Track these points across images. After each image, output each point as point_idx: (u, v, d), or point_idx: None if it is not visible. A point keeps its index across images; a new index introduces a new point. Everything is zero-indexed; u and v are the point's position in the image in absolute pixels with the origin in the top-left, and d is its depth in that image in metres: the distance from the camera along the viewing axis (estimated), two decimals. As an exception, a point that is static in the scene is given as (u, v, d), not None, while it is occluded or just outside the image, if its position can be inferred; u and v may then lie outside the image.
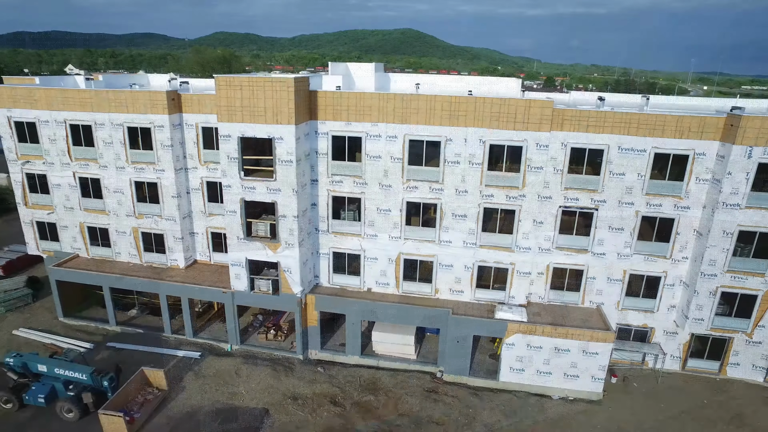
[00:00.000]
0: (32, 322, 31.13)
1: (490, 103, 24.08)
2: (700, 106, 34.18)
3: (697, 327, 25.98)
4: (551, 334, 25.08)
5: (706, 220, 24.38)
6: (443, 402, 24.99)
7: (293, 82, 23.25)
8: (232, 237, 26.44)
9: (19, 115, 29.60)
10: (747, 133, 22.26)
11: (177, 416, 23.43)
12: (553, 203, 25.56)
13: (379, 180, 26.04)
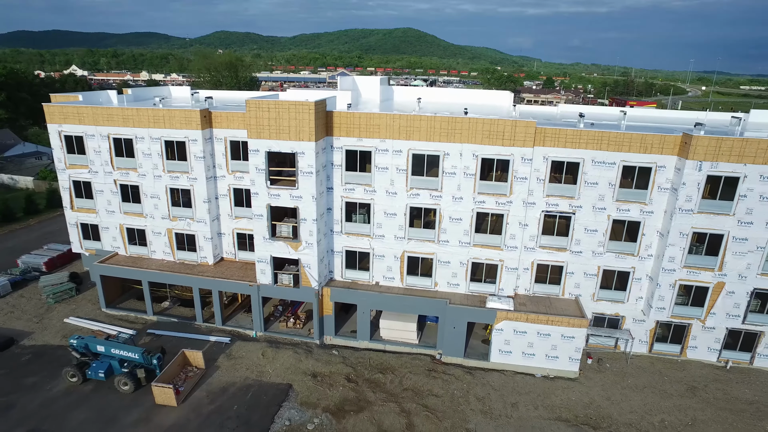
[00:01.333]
0: (79, 312, 35.15)
1: (482, 123, 28.12)
2: (671, 119, 38.45)
3: (660, 315, 30.11)
4: (534, 320, 29.18)
5: (666, 223, 28.47)
6: (441, 379, 29.09)
7: (314, 105, 27.30)
8: (259, 237, 30.50)
9: (68, 130, 33.66)
10: (697, 149, 26.35)
11: (214, 390, 27.50)
12: (536, 208, 29.65)
13: (386, 188, 30.11)
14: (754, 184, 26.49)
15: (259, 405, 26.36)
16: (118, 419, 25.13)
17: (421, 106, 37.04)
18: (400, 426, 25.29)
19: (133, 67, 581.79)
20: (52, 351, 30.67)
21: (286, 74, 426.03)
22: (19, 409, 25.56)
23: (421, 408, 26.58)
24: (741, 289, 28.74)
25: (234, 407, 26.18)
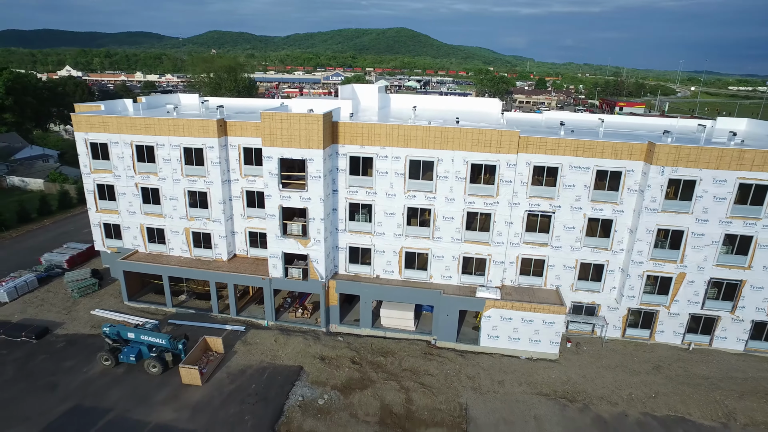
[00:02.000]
0: (103, 305, 38.24)
1: (471, 132, 31.59)
2: (645, 125, 42.20)
3: (630, 303, 33.75)
4: (519, 308, 32.70)
5: (635, 220, 32.10)
6: (436, 361, 32.55)
7: (322, 117, 30.63)
8: (271, 235, 33.79)
9: (93, 138, 36.73)
10: (660, 156, 29.98)
11: (234, 372, 30.78)
12: (520, 208, 33.17)
13: (386, 190, 33.51)
14: (709, 187, 30.16)
15: (274, 384, 29.68)
16: (150, 397, 28.36)
17: (416, 113, 40.35)
18: (400, 400, 28.71)
19: (126, 67, 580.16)
20: (83, 339, 33.80)
21: (280, 74, 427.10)
22: (63, 387, 28.73)
23: (418, 385, 30.03)
24: (700, 278, 32.44)
25: (252, 386, 29.49)
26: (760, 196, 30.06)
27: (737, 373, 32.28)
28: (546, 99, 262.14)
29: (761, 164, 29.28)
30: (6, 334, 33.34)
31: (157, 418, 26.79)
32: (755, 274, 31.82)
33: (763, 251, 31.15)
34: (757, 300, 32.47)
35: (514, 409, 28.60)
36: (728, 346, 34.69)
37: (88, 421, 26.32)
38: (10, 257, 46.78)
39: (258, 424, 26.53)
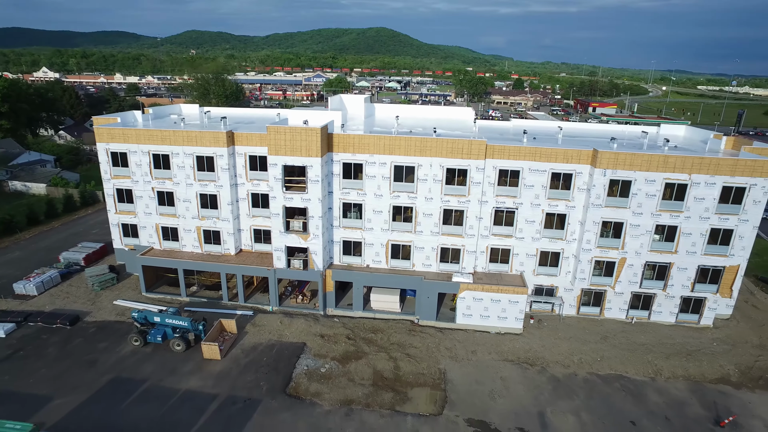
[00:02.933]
0: (123, 296, 42.93)
1: (446, 142, 37.35)
2: (597, 132, 48.53)
3: (582, 284, 39.97)
4: (488, 290, 38.60)
5: (583, 214, 38.28)
6: (419, 336, 38.26)
7: (320, 130, 36.01)
8: (276, 231, 39.04)
9: (114, 148, 41.45)
10: (602, 160, 36.19)
11: (247, 348, 35.97)
12: (488, 205, 39.08)
13: (374, 191, 39.06)
14: (642, 186, 36.50)
15: (282, 357, 35.01)
16: (177, 369, 33.42)
17: (399, 122, 46.04)
18: (389, 368, 34.33)
19: (104, 68, 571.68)
20: (111, 325, 38.56)
21: (262, 75, 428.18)
22: (101, 363, 33.60)
23: (404, 356, 35.69)
24: (637, 262, 38.82)
25: (264, 359, 34.77)
26: (681, 193, 36.52)
27: (668, 340, 38.78)
28: (523, 100, 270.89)
29: (681, 167, 35.74)
30: (43, 322, 37.91)
31: (186, 385, 31.92)
32: (680, 258, 38.33)
33: (685, 238, 37.66)
34: (682, 279, 39.00)
35: (484, 372, 34.49)
36: (663, 318, 41.20)
37: (129, 388, 31.32)
38: (29, 257, 50.96)
39: (272, 389, 31.85)
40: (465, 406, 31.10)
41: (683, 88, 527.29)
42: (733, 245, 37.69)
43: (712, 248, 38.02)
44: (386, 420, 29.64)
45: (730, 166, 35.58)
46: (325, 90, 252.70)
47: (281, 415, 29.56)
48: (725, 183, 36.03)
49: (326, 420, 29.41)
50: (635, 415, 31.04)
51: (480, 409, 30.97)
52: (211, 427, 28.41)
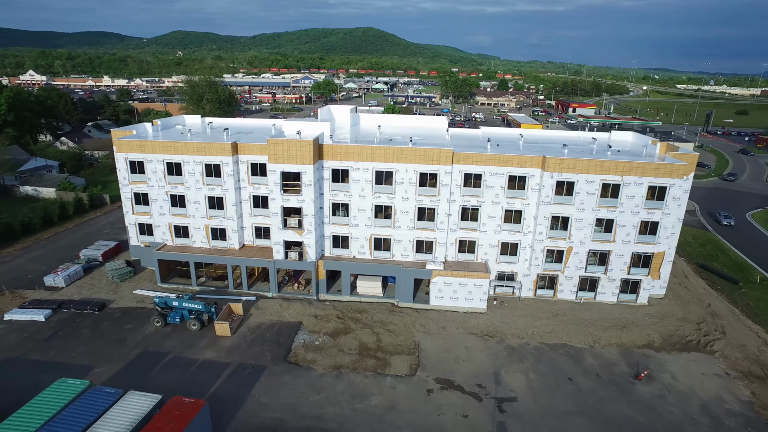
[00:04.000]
0: (141, 286, 49.08)
1: (419, 151, 44.15)
2: (554, 138, 55.52)
3: (537, 270, 47.06)
4: (457, 276, 45.49)
5: (536, 210, 45.34)
6: (398, 315, 45.04)
7: (312, 142, 42.59)
8: (275, 228, 45.56)
9: (132, 157, 47.61)
10: (549, 165, 43.28)
11: (252, 327, 42.43)
12: (456, 203, 45.98)
13: (359, 193, 45.75)
14: (583, 186, 43.66)
15: (283, 333, 41.58)
16: (194, 344, 39.82)
17: (381, 131, 52.69)
18: (373, 340, 41.07)
19: (90, 70, 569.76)
20: (134, 310, 44.78)
21: (250, 77, 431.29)
22: (130, 341, 39.89)
23: (385, 331, 42.47)
24: (582, 250, 46.00)
25: (267, 335, 41.31)
26: (616, 192, 43.76)
27: (608, 316, 46.06)
28: (506, 101, 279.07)
29: (615, 170, 42.96)
30: (75, 308, 44.02)
31: (203, 356, 38.36)
32: (618, 246, 45.60)
33: (621, 229, 44.92)
34: (620, 264, 46.29)
35: (451, 343, 41.40)
36: (606, 298, 48.45)
37: (155, 360, 37.69)
38: (50, 254, 56.80)
39: (275, 357, 38.43)
40: (434, 369, 37.97)
41: (663, 87, 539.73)
42: (659, 235, 45.04)
43: (642, 237, 45.34)
44: (369, 380, 36.40)
45: (654, 169, 42.89)
46: (313, 93, 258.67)
47: (284, 377, 36.15)
48: (650, 183, 43.33)
49: (320, 380, 36.08)
50: (573, 373, 38.16)
51: (447, 371, 37.85)
52: (226, 387, 34.93)
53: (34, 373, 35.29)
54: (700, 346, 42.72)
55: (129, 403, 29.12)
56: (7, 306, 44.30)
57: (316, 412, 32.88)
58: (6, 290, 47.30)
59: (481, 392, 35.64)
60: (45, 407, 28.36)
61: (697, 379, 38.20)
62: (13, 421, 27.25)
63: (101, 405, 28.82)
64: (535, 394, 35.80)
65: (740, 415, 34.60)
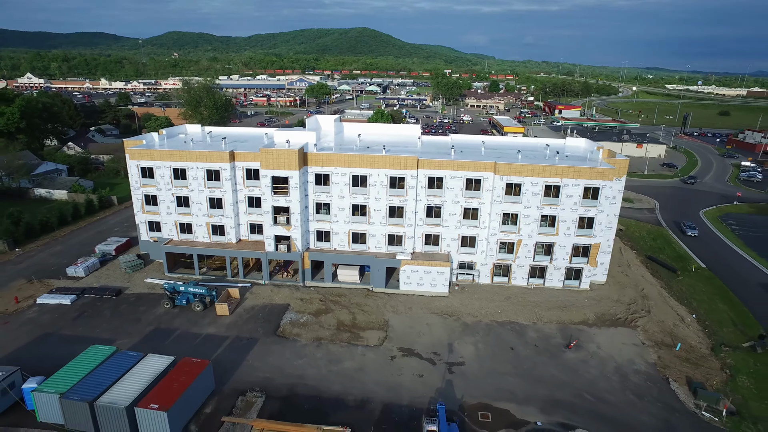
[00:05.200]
0: (151, 276, 56.49)
1: (389, 158, 51.79)
2: (513, 144, 63.07)
3: (492, 260, 54.81)
4: (422, 264, 53.16)
5: (490, 208, 53.05)
6: (372, 299, 52.66)
7: (298, 151, 50.15)
8: (266, 224, 53.10)
9: (143, 164, 55.07)
10: (500, 169, 51.02)
11: (247, 308, 49.97)
12: (422, 203, 53.64)
13: (338, 194, 53.36)
14: (529, 187, 51.38)
15: (273, 313, 49.14)
16: (198, 322, 47.35)
17: (361, 139, 60.24)
18: (349, 318, 48.69)
19: (86, 72, 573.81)
20: (146, 296, 52.25)
21: (246, 79, 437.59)
22: (144, 320, 47.40)
23: (360, 311, 50.10)
24: (530, 242, 53.75)
25: (260, 315, 48.86)
26: (557, 192, 51.51)
27: (553, 299, 53.83)
28: (495, 103, 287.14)
29: (555, 173, 50.69)
30: (95, 294, 51.47)
31: (206, 331, 45.91)
32: (560, 238, 53.37)
33: (563, 224, 52.68)
34: (563, 254, 54.07)
35: (415, 321, 49.07)
36: (554, 284, 56.19)
37: (167, 334, 45.22)
38: (69, 249, 64.16)
39: (266, 332, 46.00)
40: (399, 341, 45.65)
41: (653, 87, 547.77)
42: (595, 228, 52.81)
43: (581, 231, 53.12)
44: (344, 349, 44.06)
45: (587, 173, 50.68)
46: (307, 95, 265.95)
47: (273, 347, 43.77)
48: (586, 184, 51.11)
49: (303, 349, 43.72)
50: (514, 344, 45.92)
51: (409, 342, 45.54)
52: (225, 355, 42.49)
53: (68, 344, 42.74)
54: (627, 322, 50.56)
55: (149, 363, 36.71)
56: (37, 292, 51.74)
57: (299, 372, 40.52)
58: (35, 279, 54.71)
59: (436, 358, 43.34)
60: (83, 365, 35.92)
61: (617, 348, 46.02)
62: (60, 376, 34.81)
63: (127, 364, 36.41)
64: (480, 360, 43.53)
65: (644, 373, 42.48)
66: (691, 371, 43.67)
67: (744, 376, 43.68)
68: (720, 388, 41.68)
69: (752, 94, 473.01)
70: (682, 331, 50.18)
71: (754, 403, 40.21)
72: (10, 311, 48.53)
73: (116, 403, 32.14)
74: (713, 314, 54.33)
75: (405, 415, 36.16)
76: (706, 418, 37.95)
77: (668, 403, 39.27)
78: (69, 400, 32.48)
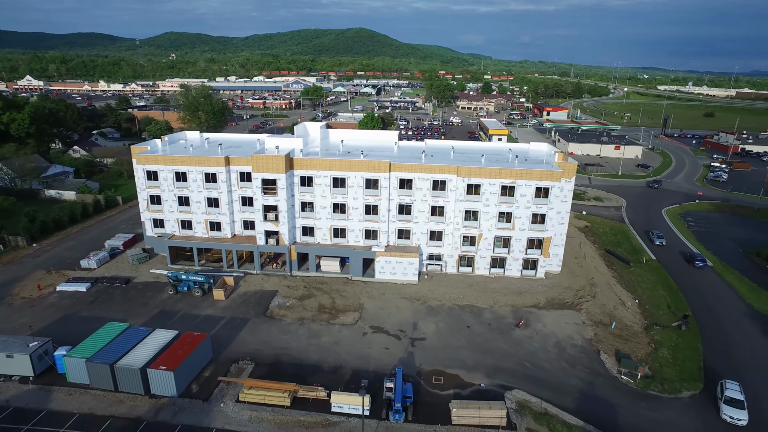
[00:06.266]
0: (155, 267, 63.68)
1: (364, 162, 59.12)
2: (479, 149, 70.43)
3: (457, 252, 62.21)
4: (395, 255, 60.50)
5: (454, 206, 60.43)
6: (350, 286, 59.99)
7: (284, 157, 57.43)
8: (257, 221, 60.39)
9: (149, 168, 62.29)
10: (461, 172, 58.45)
11: (241, 294, 57.23)
12: (394, 201, 60.98)
13: (321, 194, 60.68)
14: (487, 187, 58.78)
15: (263, 298, 56.42)
16: (198, 304, 54.61)
17: (344, 144, 67.54)
18: (328, 302, 56.00)
19: (84, 74, 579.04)
20: (152, 284, 59.46)
21: (243, 81, 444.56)
22: (151, 304, 54.66)
23: (339, 296, 57.42)
24: (490, 236, 61.14)
25: (252, 299, 56.14)
26: (512, 191, 58.89)
27: (511, 286, 61.21)
28: (485, 105, 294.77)
29: (509, 175, 58.08)
30: (107, 282, 58.68)
31: (205, 312, 53.17)
32: (516, 232, 60.77)
33: (518, 220, 60.08)
34: (519, 246, 61.47)
35: (386, 304, 56.41)
36: (513, 274, 63.57)
37: (171, 315, 52.47)
38: (80, 245, 71.29)
39: (256, 313, 53.28)
40: (371, 320, 52.98)
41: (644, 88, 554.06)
42: (547, 224, 60.21)
43: (534, 226, 60.51)
44: (323, 327, 51.38)
45: (538, 174, 58.08)
46: (302, 98, 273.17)
47: (262, 325, 51.07)
48: (537, 185, 58.49)
49: (288, 327, 51.02)
50: (471, 323, 53.29)
51: (379, 321, 52.87)
52: (221, 332, 49.73)
53: (87, 323, 49.88)
54: (573, 305, 57.97)
55: (157, 335, 44.00)
56: (56, 281, 58.94)
57: (283, 345, 47.85)
58: (53, 270, 61.89)
59: (401, 335, 50.70)
60: (103, 338, 43.19)
61: (560, 327, 53.41)
62: (84, 345, 42.08)
63: (139, 336, 43.69)
64: (439, 336, 50.89)
65: (580, 347, 49.90)
66: (621, 345, 51.08)
67: (665, 349, 51.13)
68: (643, 359, 49.13)
69: (741, 95, 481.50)
70: (621, 313, 57.63)
71: (667, 369, 47.70)
72: (34, 297, 55.73)
73: (132, 366, 39.42)
74: (653, 299, 61.81)
75: (371, 377, 43.43)
76: (623, 380, 45.38)
77: (595, 370, 46.69)
78: (94, 363, 39.74)
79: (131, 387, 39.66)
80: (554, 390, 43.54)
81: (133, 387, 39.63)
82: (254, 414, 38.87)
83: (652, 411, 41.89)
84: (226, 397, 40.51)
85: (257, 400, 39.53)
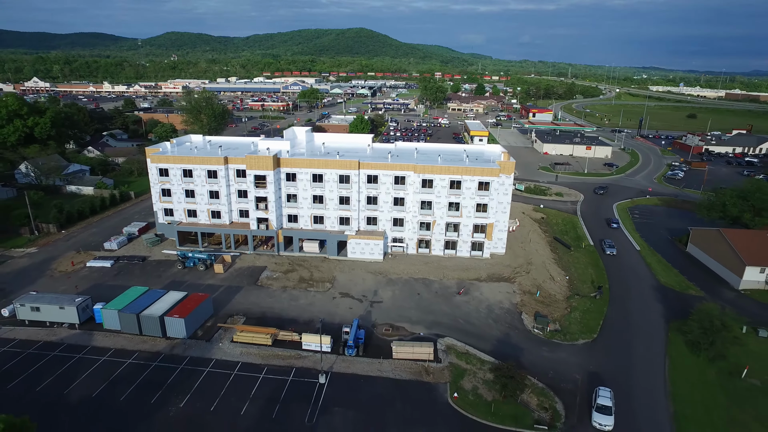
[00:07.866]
0: (166, 248, 76.64)
1: (338, 161, 72.03)
2: (438, 150, 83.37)
3: (416, 236, 75.09)
4: (364, 238, 73.40)
5: (412, 197, 73.27)
6: (327, 263, 72.94)
7: (272, 157, 70.35)
8: (251, 210, 73.34)
9: (161, 166, 75.31)
10: (417, 170, 71.26)
11: (236, 269, 70.21)
12: (363, 194, 73.89)
13: (303, 188, 73.63)
14: (439, 182, 71.64)
15: (255, 272, 69.41)
16: (202, 276, 67.63)
17: (325, 146, 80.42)
18: (308, 275, 68.94)
19: (88, 75, 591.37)
20: (164, 262, 72.46)
21: (243, 82, 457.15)
22: (163, 276, 67.69)
23: (317, 271, 70.37)
24: (442, 222, 74.02)
25: (245, 273, 69.13)
26: (459, 185, 71.74)
27: (460, 264, 74.04)
28: (475, 107, 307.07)
29: (457, 172, 70.91)
30: (127, 260, 71.71)
31: (207, 282, 66.19)
32: (464, 219, 73.65)
33: (465, 209, 72.93)
34: (467, 231, 74.33)
35: (355, 277, 69.32)
36: (463, 254, 76.40)
37: (180, 284, 65.46)
38: (102, 231, 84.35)
39: (249, 283, 66.28)
40: (341, 288, 65.90)
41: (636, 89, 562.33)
42: (488, 212, 73.03)
43: (479, 214, 73.36)
44: (301, 293, 64.35)
45: (479, 171, 70.92)
46: (299, 100, 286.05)
47: (253, 291, 64.08)
48: (479, 180, 71.31)
49: (273, 293, 64.01)
50: (421, 291, 66.14)
51: (347, 289, 65.78)
52: (220, 296, 62.71)
53: (114, 289, 62.82)
54: (509, 279, 70.78)
55: (170, 295, 56.97)
56: (86, 259, 72.05)
57: (269, 305, 60.83)
58: (82, 250, 74.98)
59: (363, 299, 63.62)
60: (129, 297, 56.18)
61: (494, 294, 66.24)
62: (116, 301, 55.12)
63: (156, 296, 56.66)
64: (394, 300, 63.79)
65: (506, 309, 62.73)
66: (541, 309, 63.85)
67: (578, 312, 63.87)
68: (558, 319, 61.94)
69: (730, 96, 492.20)
70: (549, 286, 70.43)
71: (574, 326, 60.43)
72: (69, 271, 68.80)
73: (153, 314, 52.41)
74: (582, 276, 74.58)
75: (335, 328, 56.30)
76: (535, 333, 58.20)
77: (514, 325, 59.54)
78: (124, 313, 52.74)
79: (152, 331, 52.64)
80: (477, 338, 56.38)
81: (153, 331, 52.61)
82: (244, 350, 51.85)
83: (550, 353, 54.73)
84: (224, 338, 53.52)
85: (246, 340, 52.50)
